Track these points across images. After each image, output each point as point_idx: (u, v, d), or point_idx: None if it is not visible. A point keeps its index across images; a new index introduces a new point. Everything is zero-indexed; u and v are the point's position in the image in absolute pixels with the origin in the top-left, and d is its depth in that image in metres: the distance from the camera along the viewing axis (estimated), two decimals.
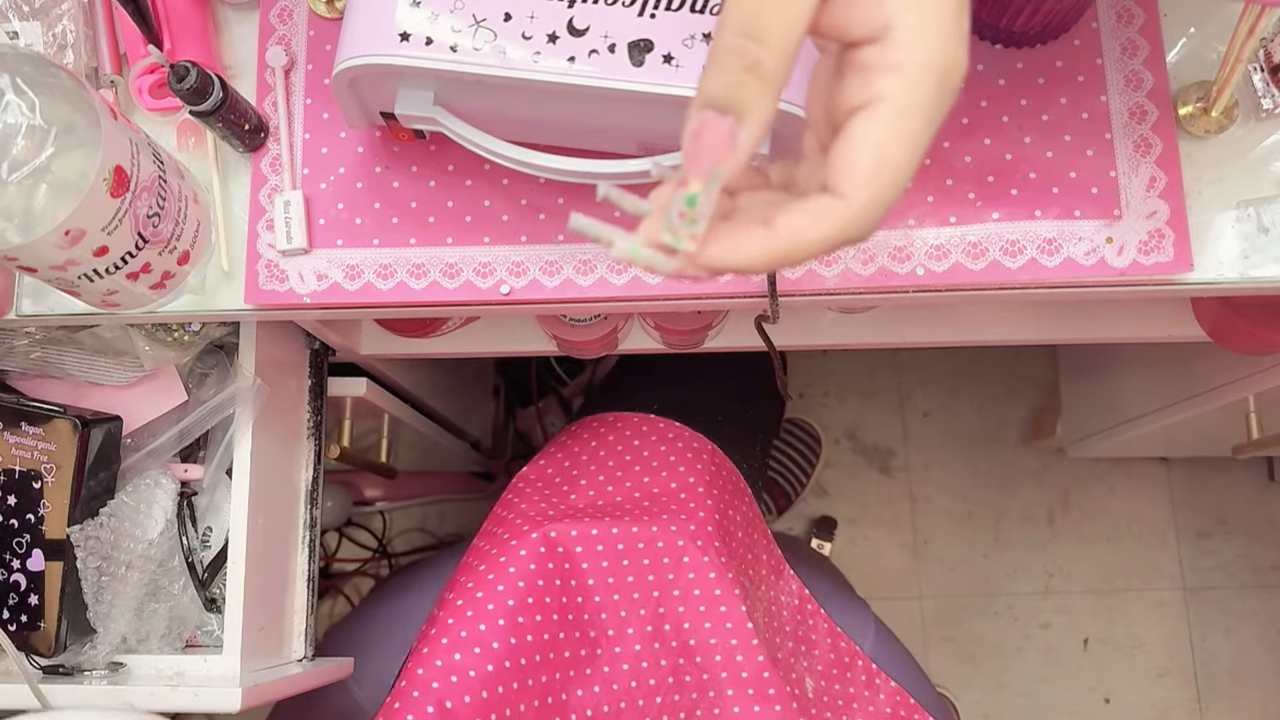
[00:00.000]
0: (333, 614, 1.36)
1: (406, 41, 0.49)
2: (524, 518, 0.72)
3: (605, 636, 0.70)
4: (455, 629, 0.65)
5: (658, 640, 0.70)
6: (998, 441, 1.45)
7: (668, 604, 0.70)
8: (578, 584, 0.70)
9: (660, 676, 0.69)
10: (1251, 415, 0.90)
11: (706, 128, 0.32)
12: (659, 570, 0.70)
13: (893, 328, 0.79)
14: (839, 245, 0.34)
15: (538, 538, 0.69)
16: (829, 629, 0.79)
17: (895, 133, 0.32)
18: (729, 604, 0.69)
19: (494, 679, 0.63)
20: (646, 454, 0.78)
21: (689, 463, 0.77)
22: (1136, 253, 0.55)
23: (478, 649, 0.64)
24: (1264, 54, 0.56)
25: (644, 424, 0.80)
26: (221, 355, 0.72)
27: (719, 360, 0.86)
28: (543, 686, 0.66)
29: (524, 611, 0.66)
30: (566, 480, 0.78)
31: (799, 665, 0.75)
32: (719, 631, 0.69)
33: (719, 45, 0.32)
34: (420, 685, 0.62)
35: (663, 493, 0.75)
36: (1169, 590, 1.40)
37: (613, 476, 0.77)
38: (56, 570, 0.63)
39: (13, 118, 0.46)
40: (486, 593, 0.67)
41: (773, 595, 0.78)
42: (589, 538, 0.70)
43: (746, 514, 0.81)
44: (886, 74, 0.32)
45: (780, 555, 0.81)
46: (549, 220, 0.58)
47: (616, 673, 0.69)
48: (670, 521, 0.71)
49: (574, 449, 0.80)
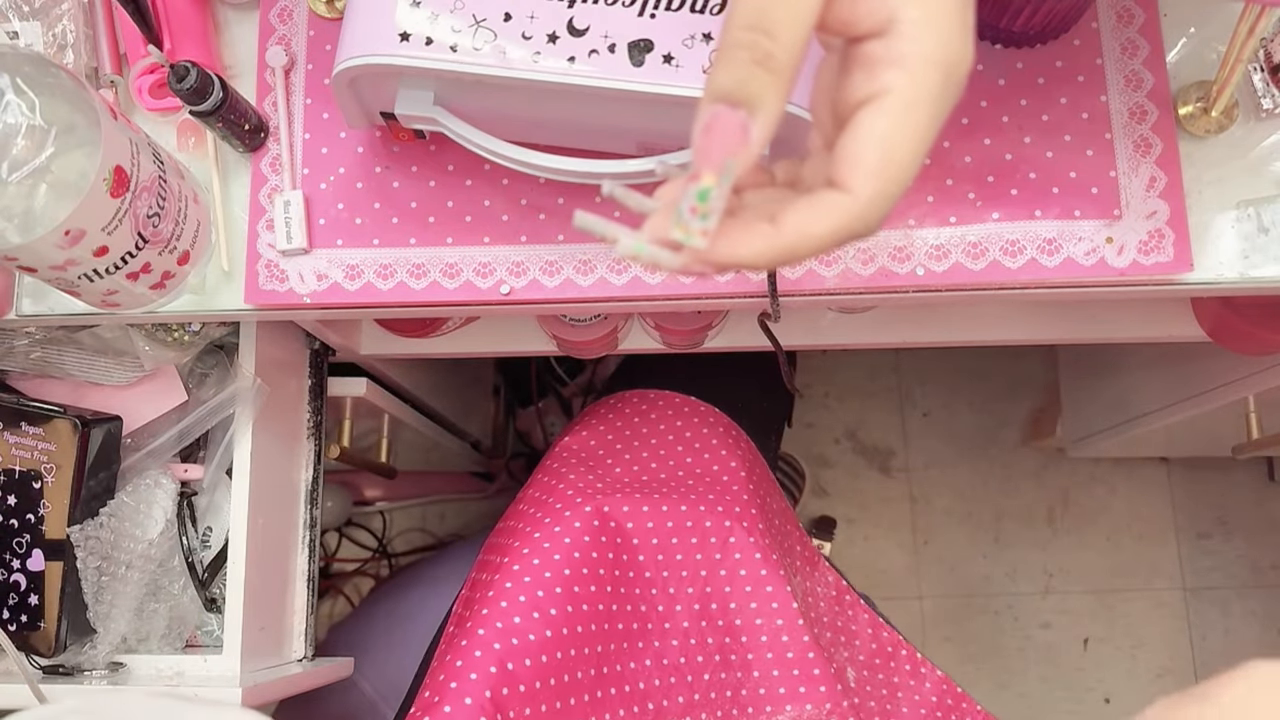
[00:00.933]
0: (333, 614, 1.36)
1: (406, 41, 0.49)
2: (574, 488, 0.72)
3: (655, 613, 0.70)
4: (514, 593, 0.64)
5: (705, 619, 0.70)
6: (998, 441, 1.45)
7: (714, 584, 0.70)
8: (630, 559, 0.70)
9: (708, 654, 0.69)
10: (1251, 415, 0.90)
11: (718, 121, 0.32)
12: (706, 550, 0.71)
13: (893, 328, 0.79)
14: (845, 240, 0.34)
15: (592, 510, 0.69)
16: (870, 619, 0.79)
17: (901, 126, 0.32)
18: (774, 584, 0.69)
19: (554, 644, 0.63)
20: (689, 434, 0.78)
21: (730, 447, 0.78)
22: (1136, 253, 0.55)
23: (537, 614, 0.63)
24: (1264, 54, 0.56)
25: (685, 405, 0.80)
26: (221, 355, 0.72)
27: (728, 356, 0.86)
28: (599, 656, 0.66)
29: (580, 581, 0.66)
30: (611, 454, 0.78)
31: (839, 656, 0.75)
32: (765, 611, 0.69)
33: (728, 39, 0.32)
34: (483, 645, 0.61)
35: (705, 473, 0.76)
36: (1169, 590, 1.40)
37: (655, 453, 0.77)
38: (56, 570, 0.63)
39: (13, 118, 0.46)
40: (544, 560, 0.66)
41: (809, 586, 0.78)
42: (640, 514, 0.70)
43: (779, 504, 0.81)
44: (891, 68, 0.32)
45: (814, 548, 0.82)
46: (549, 220, 0.58)
47: (667, 648, 0.69)
48: (716, 502, 0.72)
49: (616, 422, 0.80)
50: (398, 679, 0.77)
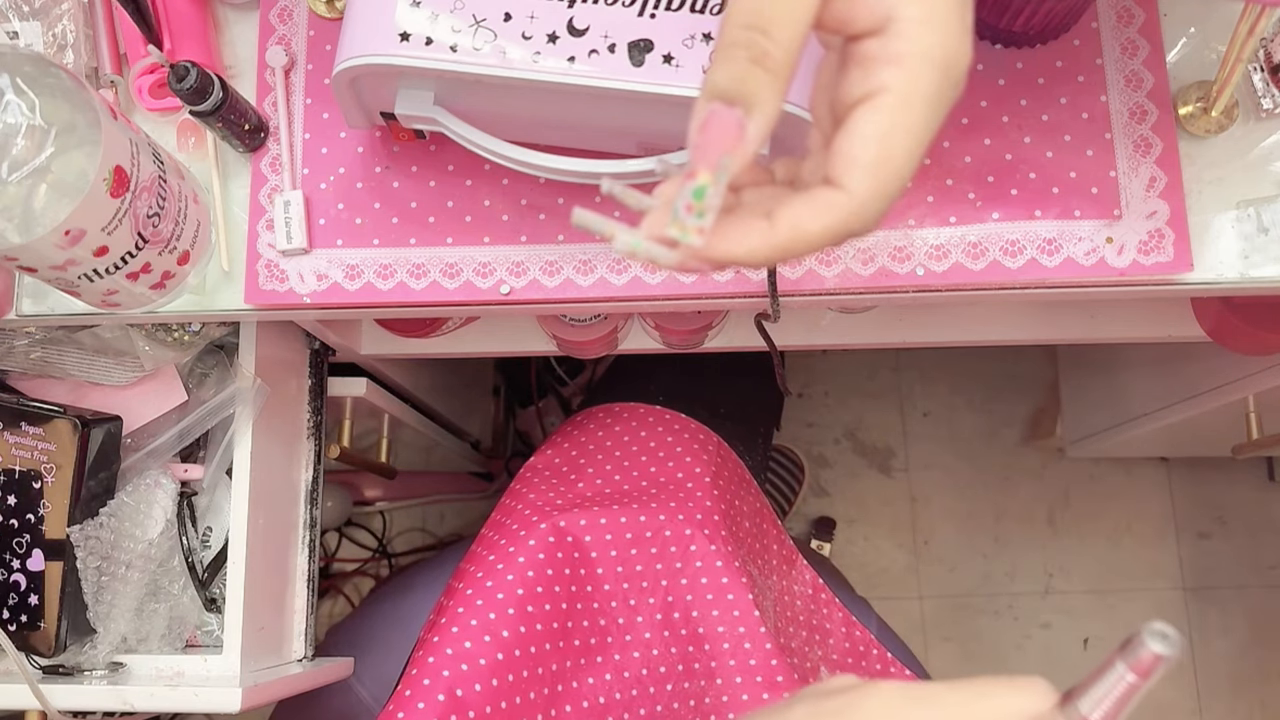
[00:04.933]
0: (333, 614, 1.37)
1: (406, 41, 0.49)
2: (532, 508, 0.73)
3: (616, 625, 0.70)
4: (465, 618, 0.65)
5: (667, 629, 0.70)
6: (998, 441, 1.45)
7: (676, 593, 0.70)
8: (587, 573, 0.70)
9: (670, 664, 0.70)
10: (1251, 415, 0.90)
11: (715, 119, 0.32)
12: (667, 559, 0.71)
13: (893, 328, 0.79)
14: (842, 238, 0.34)
15: (547, 528, 0.70)
16: (844, 618, 0.79)
17: (897, 124, 0.32)
18: (736, 593, 0.69)
19: (504, 667, 0.64)
20: (653, 444, 0.79)
21: (694, 453, 0.78)
22: (1136, 253, 0.55)
23: (488, 637, 0.64)
24: (1264, 54, 0.56)
25: (650, 414, 0.81)
26: (221, 355, 0.72)
27: (718, 355, 0.86)
28: (553, 675, 0.67)
29: (534, 601, 0.67)
30: (574, 470, 0.78)
31: (813, 654, 0.75)
32: (726, 620, 0.69)
33: (726, 37, 0.32)
34: (431, 673, 0.63)
35: (669, 481, 0.76)
36: (1169, 590, 1.40)
37: (619, 466, 0.77)
38: (56, 570, 0.63)
39: (13, 118, 0.46)
40: (496, 582, 0.67)
41: (784, 585, 0.78)
42: (598, 527, 0.71)
43: (753, 505, 0.81)
44: (889, 66, 0.32)
45: (792, 546, 0.82)
46: (549, 220, 0.58)
47: (628, 660, 0.69)
48: (678, 510, 0.72)
49: (580, 439, 0.81)
50: (394, 682, 0.77)
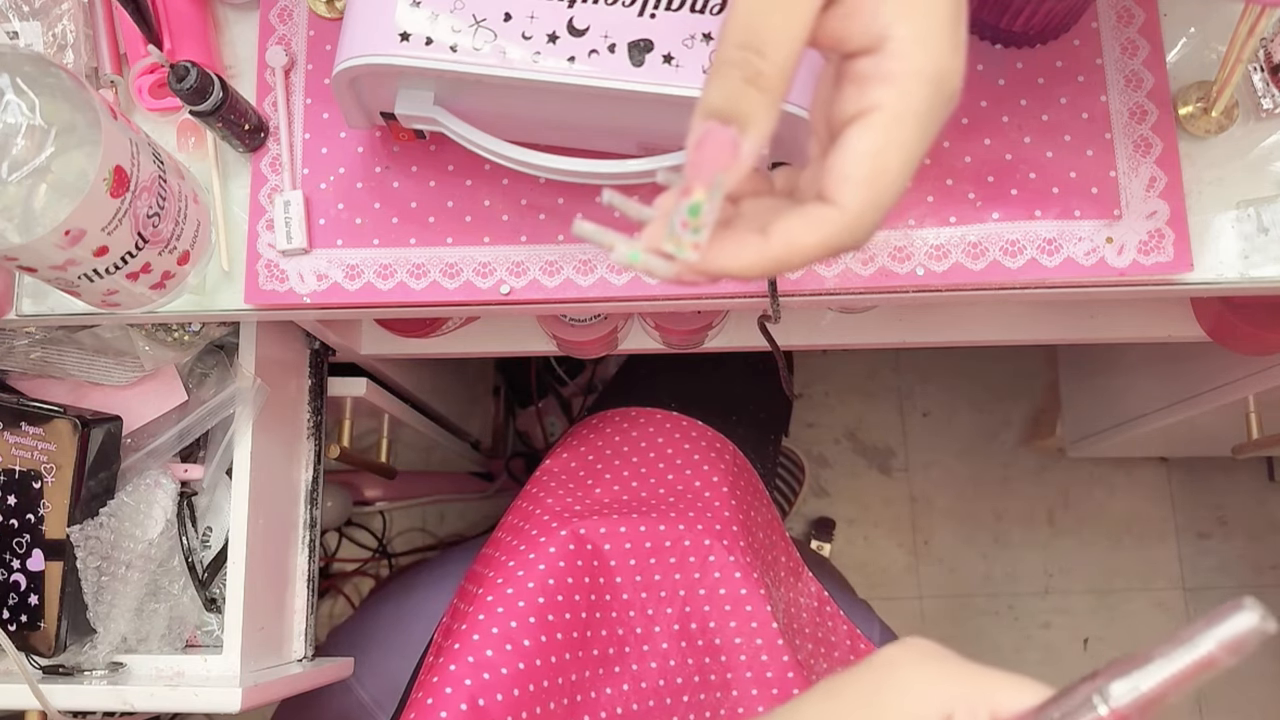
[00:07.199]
0: (333, 614, 1.37)
1: (406, 41, 0.49)
2: (551, 513, 0.72)
3: (634, 635, 0.70)
4: (487, 625, 0.65)
5: (685, 639, 0.70)
6: (998, 441, 1.45)
7: (694, 603, 0.70)
8: (606, 582, 0.70)
9: (687, 675, 0.69)
10: (1251, 415, 0.90)
11: (709, 138, 0.33)
12: (686, 569, 0.70)
13: (893, 328, 0.79)
14: (834, 253, 0.35)
15: (567, 535, 0.69)
16: (849, 630, 0.79)
17: (889, 142, 0.33)
18: (754, 604, 0.69)
19: (525, 677, 0.63)
20: (670, 451, 0.78)
21: (712, 462, 0.77)
22: (1136, 253, 0.55)
23: (509, 646, 0.64)
24: (1264, 54, 0.56)
25: (667, 420, 0.80)
26: (221, 355, 0.72)
27: (728, 358, 0.86)
28: (572, 685, 0.66)
29: (554, 610, 0.66)
30: (591, 475, 0.78)
31: (819, 667, 0.75)
32: (744, 631, 0.69)
33: (720, 57, 0.33)
34: (454, 681, 0.62)
35: (687, 490, 0.75)
36: (1169, 590, 1.40)
37: (636, 472, 0.77)
38: (56, 570, 0.63)
39: (13, 118, 0.47)
40: (517, 589, 0.66)
41: (791, 597, 0.78)
42: (618, 535, 0.70)
43: (766, 515, 0.81)
44: (882, 84, 0.33)
45: (798, 557, 0.82)
46: (549, 220, 0.58)
47: (645, 671, 0.69)
48: (697, 520, 0.72)
49: (597, 443, 0.80)
50: (395, 684, 0.77)
